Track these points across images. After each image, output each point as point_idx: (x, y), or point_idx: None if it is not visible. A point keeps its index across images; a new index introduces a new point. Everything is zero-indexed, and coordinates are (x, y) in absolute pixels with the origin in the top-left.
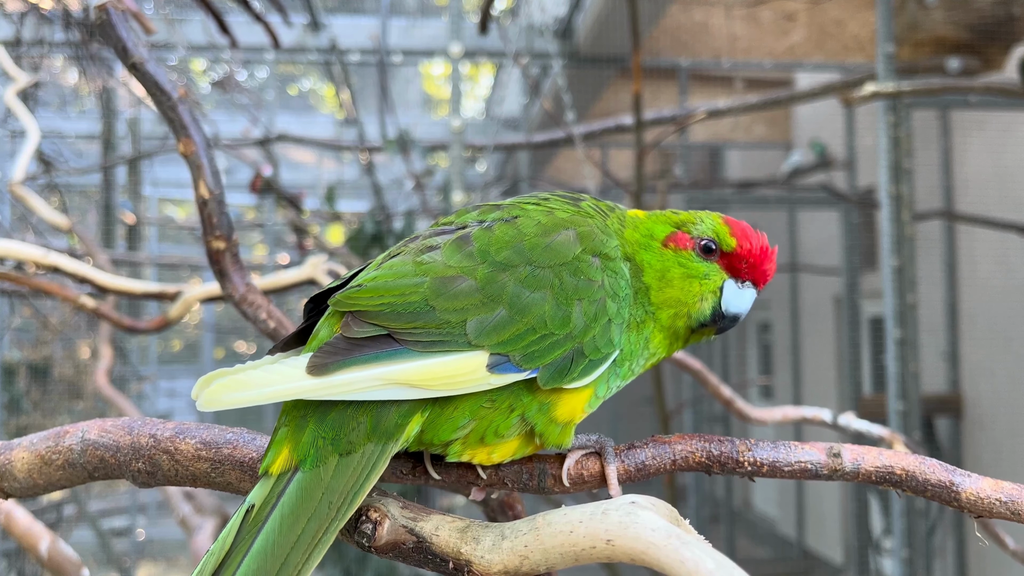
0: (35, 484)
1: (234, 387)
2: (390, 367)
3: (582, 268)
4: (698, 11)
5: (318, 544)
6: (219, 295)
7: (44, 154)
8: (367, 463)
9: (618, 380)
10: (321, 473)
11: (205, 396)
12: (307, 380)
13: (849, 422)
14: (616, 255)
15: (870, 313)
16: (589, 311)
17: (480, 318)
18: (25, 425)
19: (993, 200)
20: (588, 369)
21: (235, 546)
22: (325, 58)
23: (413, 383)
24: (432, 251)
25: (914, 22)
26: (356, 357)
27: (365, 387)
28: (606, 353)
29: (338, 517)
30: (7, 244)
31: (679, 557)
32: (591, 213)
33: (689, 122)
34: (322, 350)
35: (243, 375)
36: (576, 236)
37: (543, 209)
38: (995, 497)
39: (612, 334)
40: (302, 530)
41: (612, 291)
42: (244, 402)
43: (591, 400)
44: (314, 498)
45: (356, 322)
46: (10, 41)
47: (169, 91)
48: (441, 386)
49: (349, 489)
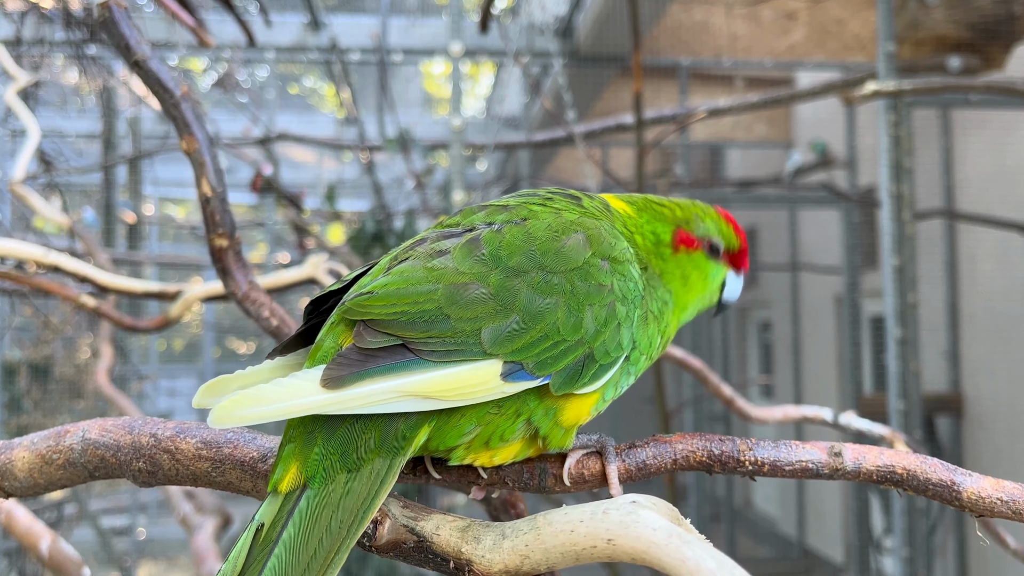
0: (36, 483)
1: (246, 403)
2: (405, 379)
3: (592, 273)
4: (699, 10)
5: (331, 563)
6: (220, 294)
7: (45, 153)
8: (376, 479)
9: (630, 379)
10: (330, 491)
11: (217, 412)
12: (322, 395)
13: (850, 421)
14: (624, 258)
15: (871, 312)
16: (600, 316)
17: (495, 326)
18: (26, 424)
19: (994, 199)
20: (599, 373)
21: (247, 567)
22: (325, 57)
23: (428, 394)
24: (442, 255)
25: (915, 21)
26: (371, 369)
27: (381, 400)
28: (616, 357)
29: (349, 535)
30: (8, 244)
31: (680, 556)
32: (596, 214)
33: (690, 121)
34: (335, 362)
35: (254, 390)
36: (586, 239)
37: (550, 210)
38: (996, 496)
39: (622, 337)
40: (314, 550)
41: (621, 294)
42: (258, 419)
43: (598, 403)
44: (324, 517)
45: (369, 331)
46: (11, 40)
47: (172, 89)
48: (455, 397)
49: (359, 507)
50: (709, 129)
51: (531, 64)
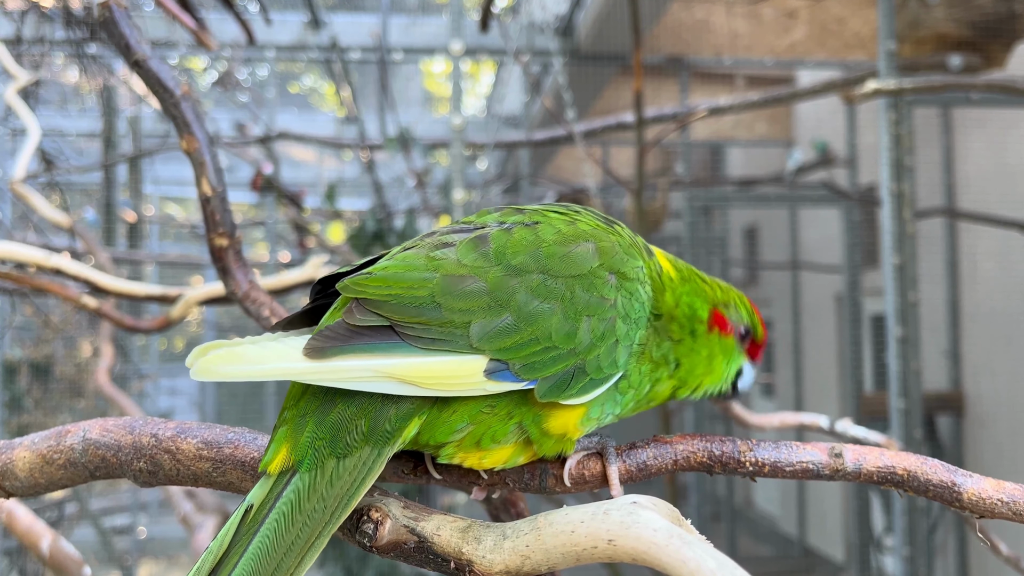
0: (36, 483)
1: (229, 359)
2: (386, 360)
3: (596, 284)
4: (699, 8)
5: (311, 547)
6: (220, 296)
7: (45, 152)
8: (363, 467)
9: (617, 408)
10: (318, 476)
11: (200, 365)
12: (302, 362)
13: (846, 428)
14: (635, 276)
15: (871, 311)
16: (597, 329)
17: (484, 321)
18: (26, 424)
19: (994, 197)
20: (588, 388)
21: (232, 546)
22: (326, 56)
23: (407, 379)
24: (447, 248)
25: (915, 19)
26: (354, 345)
27: (359, 376)
28: (608, 374)
29: (332, 521)
30: (9, 246)
31: (681, 557)
32: (621, 234)
33: (690, 120)
34: (322, 334)
35: (240, 348)
36: (595, 250)
37: (566, 219)
38: (997, 498)
39: (618, 355)
40: (297, 533)
41: (624, 312)
42: (238, 376)
43: (583, 419)
44: (310, 501)
45: (360, 309)
46: (11, 39)
47: (172, 88)
48: (435, 386)
49: (344, 493)
50: (710, 128)
51: (531, 63)
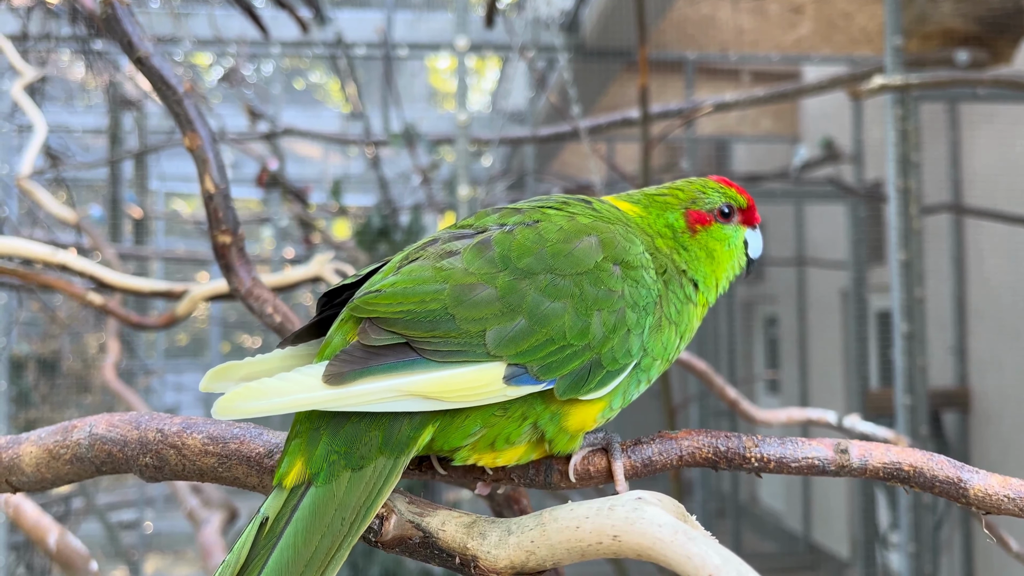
0: (43, 478)
1: (249, 396)
2: (407, 378)
3: (602, 277)
4: (705, 4)
5: (332, 560)
6: (226, 292)
7: (51, 148)
8: (379, 478)
9: (641, 386)
10: (334, 489)
11: (221, 404)
12: (324, 391)
13: (854, 424)
14: (639, 263)
15: (877, 307)
16: (608, 321)
17: (499, 328)
18: (34, 418)
19: (1001, 193)
20: (605, 380)
21: (251, 560)
22: (331, 52)
23: (430, 394)
24: (453, 256)
25: (922, 15)
26: (373, 367)
27: (382, 398)
28: (624, 364)
29: (351, 532)
30: (16, 243)
31: (686, 552)
32: (610, 219)
33: (696, 115)
34: (338, 358)
35: (259, 384)
36: (598, 243)
37: (565, 214)
38: (1003, 494)
39: (631, 344)
40: (316, 547)
41: (632, 301)
42: (260, 412)
43: (604, 410)
44: (327, 514)
45: (374, 329)
46: (17, 36)
47: (175, 85)
48: (457, 398)
49: (362, 504)
50: (715, 124)
51: (536, 59)
